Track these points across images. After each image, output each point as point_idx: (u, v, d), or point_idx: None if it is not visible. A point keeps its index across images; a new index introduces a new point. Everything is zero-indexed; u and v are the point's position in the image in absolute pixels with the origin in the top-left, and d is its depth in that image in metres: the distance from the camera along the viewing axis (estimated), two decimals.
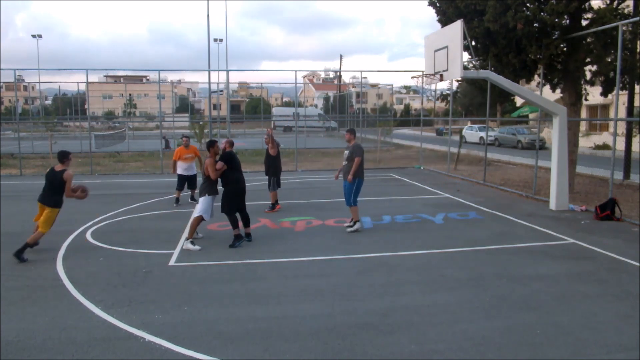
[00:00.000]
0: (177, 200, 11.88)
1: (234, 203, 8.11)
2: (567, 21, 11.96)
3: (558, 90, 13.67)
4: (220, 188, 8.18)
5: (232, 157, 8.16)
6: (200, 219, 7.97)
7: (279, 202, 11.19)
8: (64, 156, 7.55)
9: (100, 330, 4.98)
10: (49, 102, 74.02)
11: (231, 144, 8.44)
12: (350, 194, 9.09)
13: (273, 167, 11.00)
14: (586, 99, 13.65)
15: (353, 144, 9.24)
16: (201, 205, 7.99)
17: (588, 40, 11.89)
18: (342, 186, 9.31)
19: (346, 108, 43.08)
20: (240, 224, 8.29)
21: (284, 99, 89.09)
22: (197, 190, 11.74)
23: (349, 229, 9.06)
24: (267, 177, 11.19)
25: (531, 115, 35.60)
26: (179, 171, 11.81)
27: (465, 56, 11.33)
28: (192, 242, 7.85)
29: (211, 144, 8.15)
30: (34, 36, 43.95)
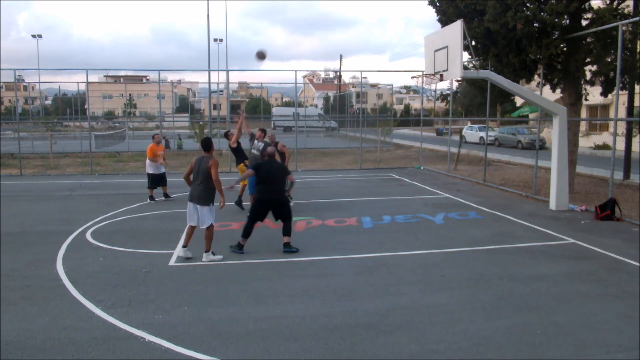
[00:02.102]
0: (152, 197, 12.19)
1: (253, 211, 7.77)
2: (567, 21, 11.95)
3: (558, 90, 13.66)
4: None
5: (258, 168, 7.78)
6: (213, 228, 7.38)
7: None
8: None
9: (100, 330, 4.98)
10: (49, 102, 74.03)
11: (267, 148, 8.17)
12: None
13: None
14: (586, 99, 13.64)
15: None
16: (211, 214, 7.30)
17: (588, 40, 11.88)
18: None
19: (346, 108, 43.09)
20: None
21: (284, 99, 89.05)
22: (167, 190, 12.39)
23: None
24: None
25: (531, 115, 35.58)
26: (151, 170, 12.19)
27: (465, 56, 11.33)
28: (213, 253, 7.32)
29: (206, 144, 7.43)
30: (34, 36, 44.02)
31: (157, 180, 12.25)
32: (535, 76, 12.78)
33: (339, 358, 4.45)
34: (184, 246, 7.42)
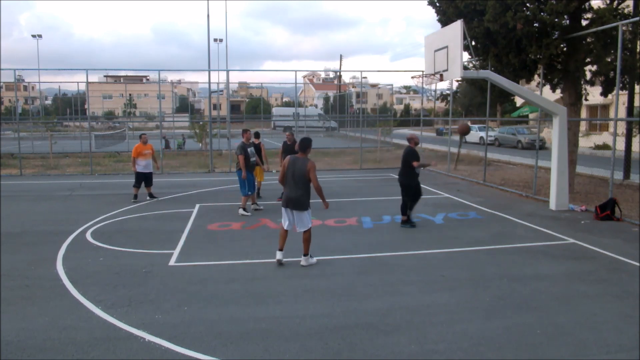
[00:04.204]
0: (136, 197, 12.25)
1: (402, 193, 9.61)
2: (567, 21, 11.95)
3: (558, 90, 13.66)
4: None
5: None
6: (310, 231, 7.11)
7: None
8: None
9: (100, 330, 4.98)
10: (49, 102, 74.01)
11: (415, 142, 9.59)
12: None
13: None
14: (586, 99, 13.65)
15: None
16: (309, 218, 7.06)
17: (588, 40, 11.88)
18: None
19: (346, 108, 43.11)
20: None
21: (284, 99, 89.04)
22: (152, 190, 12.51)
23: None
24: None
25: (531, 115, 35.57)
26: (138, 169, 12.32)
27: (465, 56, 11.33)
28: (311, 256, 7.13)
29: (307, 144, 7.04)
30: (34, 36, 43.88)
31: (141, 179, 12.38)
32: (535, 76, 12.78)
33: (339, 358, 4.45)
34: (280, 249, 7.11)
